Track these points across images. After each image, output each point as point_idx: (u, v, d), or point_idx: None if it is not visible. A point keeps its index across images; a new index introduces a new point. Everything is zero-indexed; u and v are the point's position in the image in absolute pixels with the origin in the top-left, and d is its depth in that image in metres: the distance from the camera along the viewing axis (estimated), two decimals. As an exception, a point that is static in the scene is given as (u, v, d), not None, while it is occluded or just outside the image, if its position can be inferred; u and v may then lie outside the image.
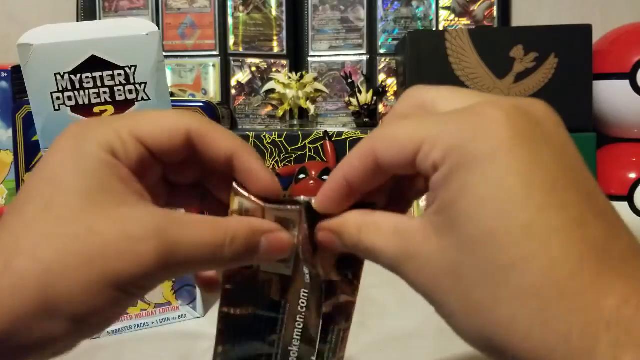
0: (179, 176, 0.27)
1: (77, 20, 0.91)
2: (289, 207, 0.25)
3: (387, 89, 0.91)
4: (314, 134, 0.75)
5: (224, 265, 0.25)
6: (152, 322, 0.52)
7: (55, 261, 0.20)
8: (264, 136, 0.75)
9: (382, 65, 0.91)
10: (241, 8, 0.89)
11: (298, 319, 0.27)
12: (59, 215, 0.21)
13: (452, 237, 0.20)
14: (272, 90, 0.89)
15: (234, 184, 0.26)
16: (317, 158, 0.75)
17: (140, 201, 0.23)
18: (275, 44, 0.91)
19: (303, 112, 0.89)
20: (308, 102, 0.88)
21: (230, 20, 0.89)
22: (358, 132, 0.75)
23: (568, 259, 0.18)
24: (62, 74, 0.48)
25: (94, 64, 0.48)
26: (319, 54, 0.91)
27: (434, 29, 0.90)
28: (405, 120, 0.22)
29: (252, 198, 0.25)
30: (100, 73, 0.48)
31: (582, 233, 0.18)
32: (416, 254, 0.21)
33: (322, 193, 0.25)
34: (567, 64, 0.73)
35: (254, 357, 0.28)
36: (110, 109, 0.49)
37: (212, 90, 0.89)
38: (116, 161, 0.23)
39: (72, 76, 0.48)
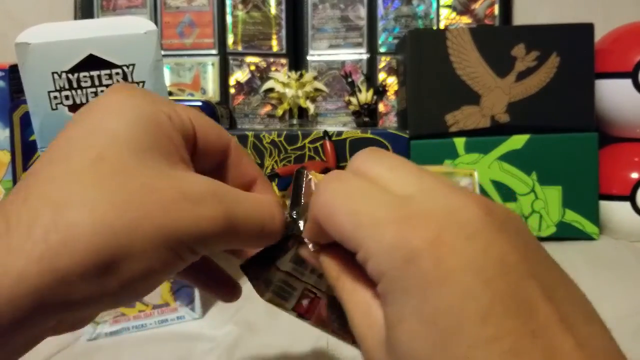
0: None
1: (75, 19, 0.90)
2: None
3: (387, 88, 0.90)
4: (314, 133, 0.75)
5: (264, 242, 0.25)
6: (151, 324, 0.51)
7: (113, 216, 0.19)
8: (263, 136, 0.75)
9: (383, 64, 0.90)
10: (240, 6, 0.89)
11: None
12: (113, 169, 0.20)
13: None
14: (271, 90, 0.89)
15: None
16: (317, 158, 0.74)
17: (189, 168, 0.23)
18: (274, 42, 0.90)
19: (302, 112, 0.88)
20: (308, 101, 0.88)
21: (229, 19, 0.89)
22: (358, 131, 0.75)
23: None
24: (59, 73, 0.47)
25: (92, 62, 0.48)
26: (319, 53, 0.91)
27: (434, 27, 0.90)
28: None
29: None
30: (98, 72, 0.48)
31: None
32: (371, 352, 0.21)
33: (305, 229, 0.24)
34: (569, 63, 0.73)
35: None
36: (108, 108, 0.49)
37: (211, 89, 0.89)
38: (171, 125, 0.23)
39: (70, 75, 0.47)
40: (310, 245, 0.24)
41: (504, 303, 0.18)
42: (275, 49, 0.90)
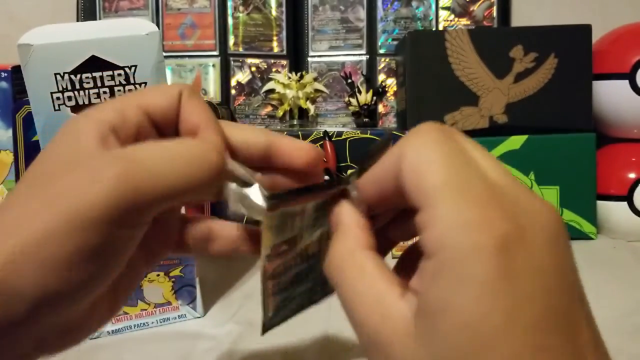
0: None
1: (77, 21, 0.91)
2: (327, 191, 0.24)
3: (387, 89, 0.91)
4: (314, 134, 0.75)
5: (194, 193, 0.23)
6: (152, 322, 0.52)
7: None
8: (264, 136, 0.75)
9: (382, 65, 0.91)
10: (241, 8, 0.90)
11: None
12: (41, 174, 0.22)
13: (428, 353, 0.18)
14: (272, 91, 0.89)
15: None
16: (317, 158, 0.75)
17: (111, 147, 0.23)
18: (275, 44, 0.91)
19: (303, 112, 0.89)
20: (308, 102, 0.88)
21: (230, 21, 0.89)
22: (358, 132, 0.75)
23: None
24: (62, 74, 0.48)
25: (94, 64, 0.48)
26: (319, 54, 0.91)
27: (433, 29, 0.90)
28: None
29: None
30: (100, 73, 0.48)
31: None
32: (389, 345, 0.19)
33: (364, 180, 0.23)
34: (567, 64, 0.73)
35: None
36: (110, 109, 0.49)
37: (212, 90, 0.89)
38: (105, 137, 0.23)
39: (72, 76, 0.48)
40: (354, 192, 0.23)
41: (556, 317, 0.18)
42: (275, 50, 0.91)
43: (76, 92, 0.48)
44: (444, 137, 0.21)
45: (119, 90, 0.49)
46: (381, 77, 0.91)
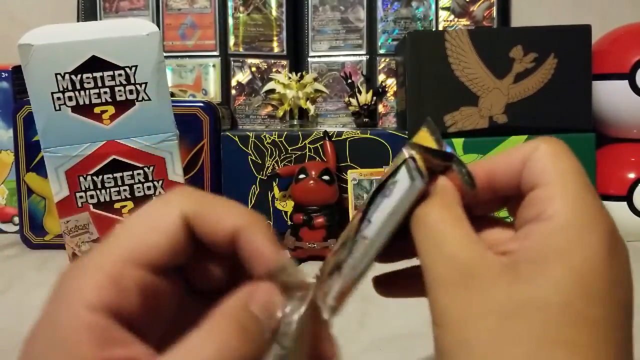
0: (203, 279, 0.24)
1: (78, 21, 0.91)
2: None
3: (386, 89, 0.91)
4: (314, 134, 0.75)
5: None
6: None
7: None
8: (264, 136, 0.75)
9: (382, 65, 0.91)
10: (241, 8, 0.90)
11: None
12: None
13: (530, 290, 0.20)
14: (272, 91, 0.89)
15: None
16: (317, 158, 0.75)
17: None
18: (275, 44, 0.91)
19: (303, 113, 0.89)
20: (308, 102, 0.88)
21: (230, 21, 0.90)
22: (358, 132, 0.75)
23: None
24: (62, 74, 0.48)
25: (95, 64, 0.48)
26: (319, 54, 0.91)
27: (433, 29, 0.90)
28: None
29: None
30: (100, 73, 0.48)
31: None
32: (484, 277, 0.21)
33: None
34: (567, 64, 0.74)
35: None
36: (111, 109, 0.49)
37: (213, 90, 0.90)
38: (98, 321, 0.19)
39: (73, 76, 0.48)
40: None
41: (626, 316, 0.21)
42: (276, 50, 0.91)
43: (77, 92, 0.48)
44: (565, 147, 0.24)
45: (119, 90, 0.49)
46: (381, 77, 0.91)
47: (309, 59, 0.92)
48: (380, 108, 0.91)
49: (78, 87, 0.48)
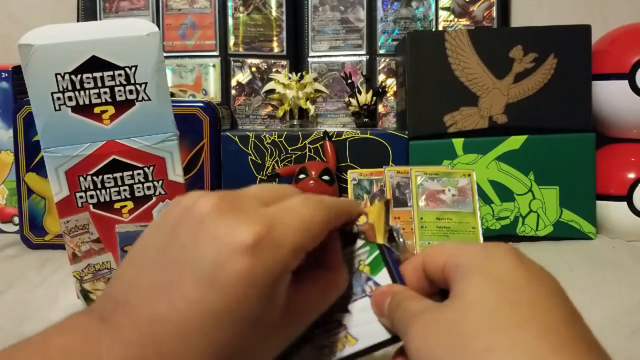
0: None
1: (78, 21, 0.91)
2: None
3: (386, 90, 0.91)
4: (314, 134, 0.75)
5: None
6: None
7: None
8: (264, 136, 0.75)
9: (382, 65, 0.91)
10: (241, 9, 0.90)
11: None
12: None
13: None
14: (272, 91, 0.89)
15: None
16: (317, 158, 0.75)
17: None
18: (275, 44, 0.91)
19: (303, 113, 0.89)
20: (308, 102, 0.88)
21: (230, 21, 0.90)
22: (358, 132, 0.75)
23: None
24: (62, 74, 0.48)
25: (95, 64, 0.48)
26: (319, 55, 0.92)
27: (433, 29, 0.90)
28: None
29: None
30: (100, 73, 0.48)
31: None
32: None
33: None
34: (566, 64, 0.74)
35: None
36: (111, 109, 0.49)
37: (213, 90, 0.90)
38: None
39: (73, 76, 0.48)
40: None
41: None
42: (276, 50, 0.91)
43: (77, 92, 0.48)
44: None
45: (119, 90, 0.49)
46: (381, 77, 0.91)
47: (309, 59, 0.92)
48: (380, 108, 0.91)
49: (78, 87, 0.48)
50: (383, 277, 0.29)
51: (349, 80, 0.89)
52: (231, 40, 0.90)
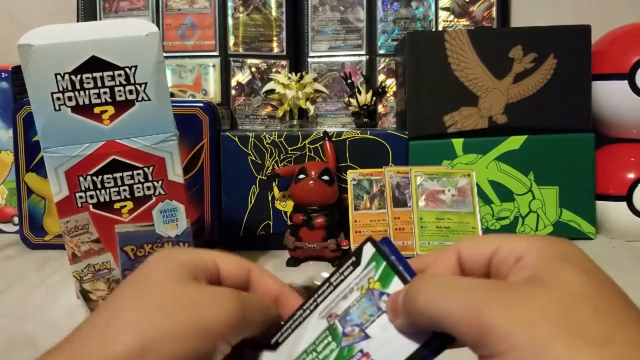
0: None
1: (78, 21, 0.91)
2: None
3: (386, 90, 0.91)
4: (314, 134, 0.75)
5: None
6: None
7: (152, 314, 0.26)
8: (264, 136, 0.75)
9: (382, 65, 0.91)
10: (241, 9, 0.90)
11: None
12: (149, 290, 0.28)
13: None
14: (272, 91, 0.89)
15: None
16: (317, 158, 0.75)
17: (209, 285, 0.30)
18: (275, 44, 0.91)
19: (303, 113, 0.89)
20: (308, 102, 0.88)
21: (230, 21, 0.90)
22: (357, 132, 0.75)
23: None
24: (62, 75, 0.48)
25: (94, 64, 0.48)
26: (319, 55, 0.92)
27: (433, 29, 0.90)
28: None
29: None
30: (100, 73, 0.48)
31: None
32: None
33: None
34: (566, 65, 0.74)
35: None
36: (111, 109, 0.49)
37: (212, 90, 0.90)
38: (197, 264, 0.30)
39: (73, 76, 0.48)
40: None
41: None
42: (275, 50, 0.91)
43: (76, 92, 0.48)
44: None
45: (119, 91, 0.49)
46: (381, 77, 0.91)
47: (309, 59, 0.92)
48: (380, 108, 0.91)
49: (78, 87, 0.48)
50: (395, 285, 0.28)
51: (349, 81, 0.89)
52: (231, 41, 0.90)
